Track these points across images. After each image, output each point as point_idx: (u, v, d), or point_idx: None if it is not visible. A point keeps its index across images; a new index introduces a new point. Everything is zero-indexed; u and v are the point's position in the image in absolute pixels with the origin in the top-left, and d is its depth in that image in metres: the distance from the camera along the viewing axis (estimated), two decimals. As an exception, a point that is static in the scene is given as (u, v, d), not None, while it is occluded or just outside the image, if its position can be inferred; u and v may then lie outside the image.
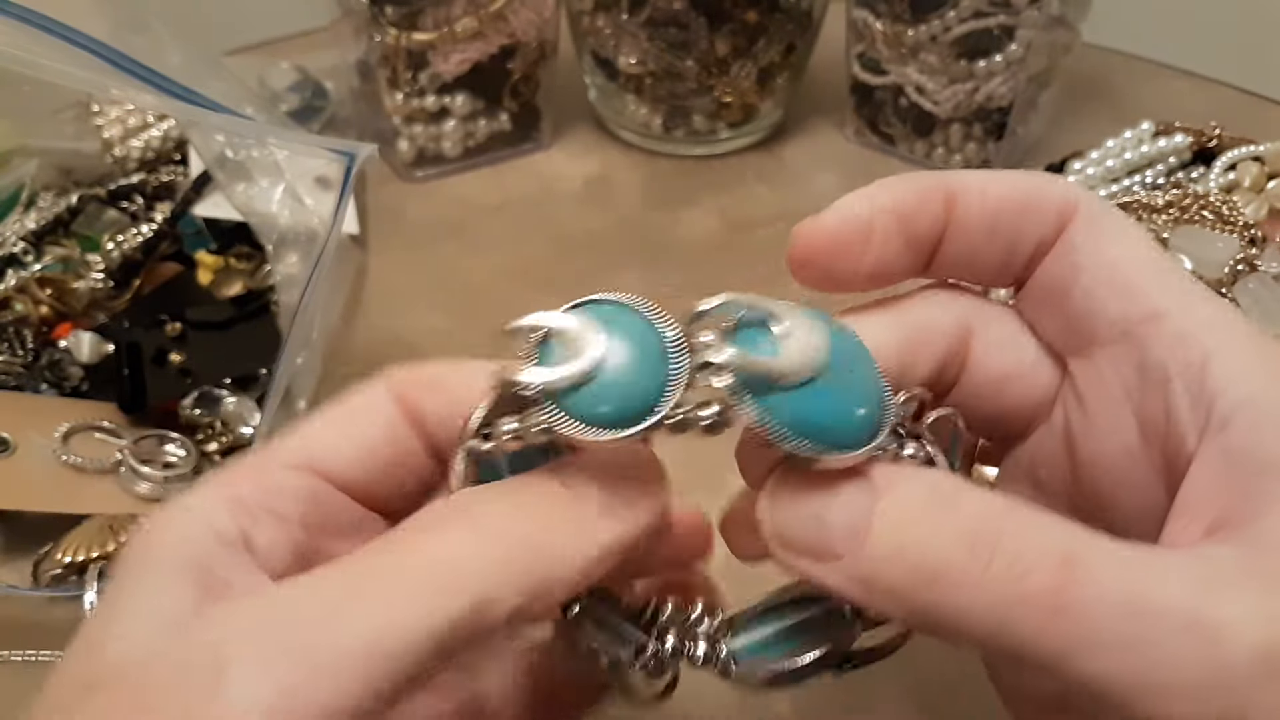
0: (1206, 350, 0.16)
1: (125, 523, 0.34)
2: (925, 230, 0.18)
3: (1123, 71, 0.58)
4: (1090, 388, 0.18)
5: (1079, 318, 0.18)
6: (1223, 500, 0.15)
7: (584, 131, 0.56)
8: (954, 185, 0.18)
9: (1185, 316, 0.17)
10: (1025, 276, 0.18)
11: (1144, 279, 0.17)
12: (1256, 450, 0.15)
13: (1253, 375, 0.16)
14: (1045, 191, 0.18)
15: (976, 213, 0.18)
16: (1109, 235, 0.18)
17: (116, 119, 0.47)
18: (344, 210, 0.33)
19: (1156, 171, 0.46)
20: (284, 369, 0.34)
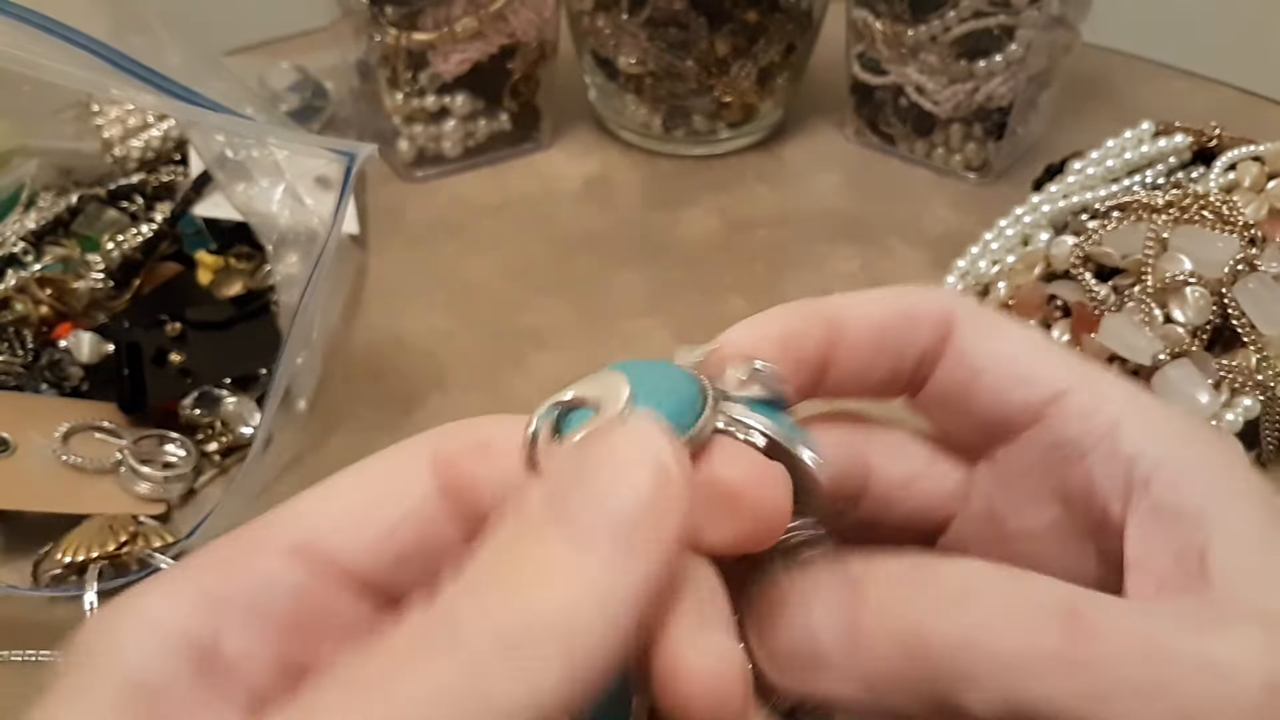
0: (1113, 419, 0.17)
1: (125, 523, 0.34)
2: (809, 355, 0.18)
3: (1123, 71, 0.58)
4: (1008, 472, 0.18)
5: (986, 414, 0.18)
6: (1167, 555, 0.16)
7: (584, 131, 0.56)
8: (835, 309, 0.19)
9: (1087, 391, 0.17)
10: (917, 385, 0.19)
11: (1039, 365, 0.18)
12: (1183, 503, 0.16)
13: (1160, 434, 0.17)
14: (923, 304, 0.19)
15: (860, 333, 0.18)
16: (994, 332, 0.18)
17: (116, 119, 0.47)
18: (344, 210, 0.33)
19: (1156, 171, 0.46)
20: (284, 369, 0.34)
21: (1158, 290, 0.37)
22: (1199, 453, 0.17)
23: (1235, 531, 0.16)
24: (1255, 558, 0.15)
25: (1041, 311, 0.40)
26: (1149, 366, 0.36)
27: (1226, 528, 0.16)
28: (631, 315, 0.45)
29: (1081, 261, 0.40)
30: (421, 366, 0.42)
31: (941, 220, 0.49)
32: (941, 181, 0.52)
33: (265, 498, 0.37)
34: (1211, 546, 0.15)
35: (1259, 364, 0.36)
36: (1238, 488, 0.16)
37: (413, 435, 0.44)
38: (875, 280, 0.46)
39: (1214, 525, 0.16)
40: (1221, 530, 0.16)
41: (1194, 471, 0.16)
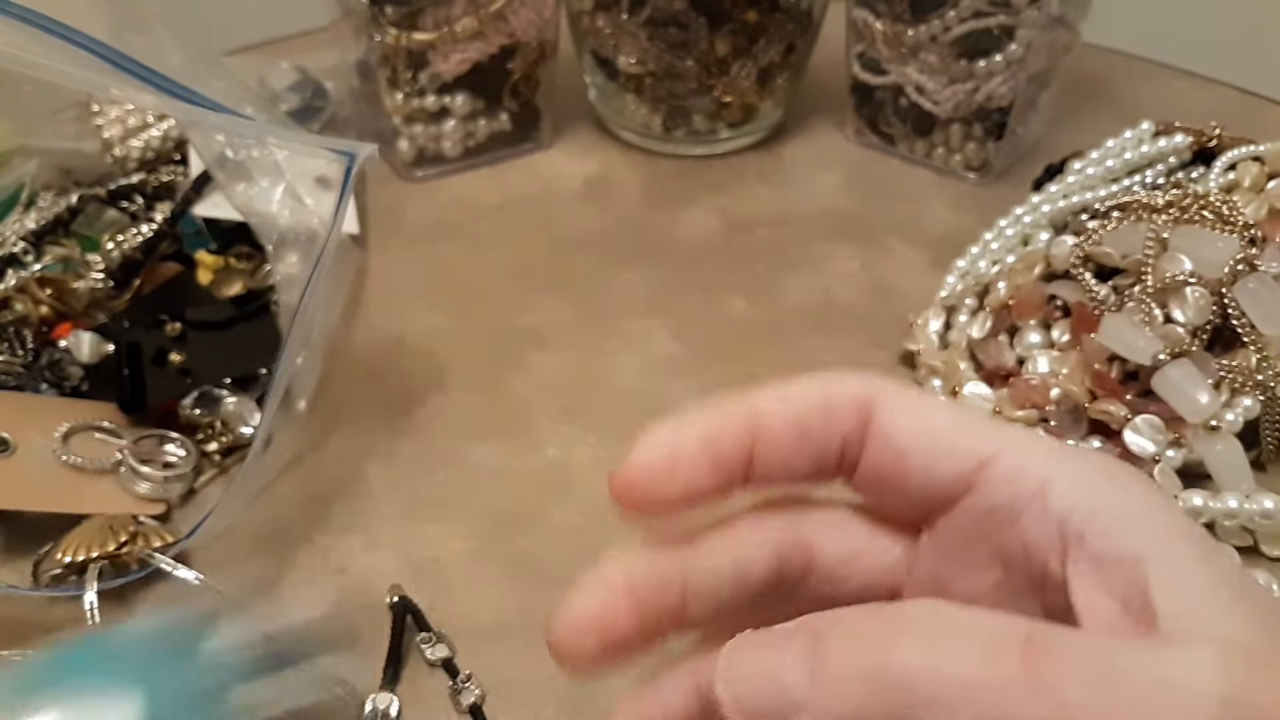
0: (1040, 478, 0.18)
1: (125, 523, 0.34)
2: (730, 453, 0.19)
3: (1123, 71, 0.58)
4: (948, 540, 0.19)
5: (919, 490, 0.19)
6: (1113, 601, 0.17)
7: (584, 131, 0.56)
8: (754, 406, 0.19)
9: (1011, 455, 0.18)
10: (848, 469, 0.20)
11: (961, 436, 0.18)
12: (1120, 549, 0.17)
13: (1087, 486, 0.17)
14: (839, 393, 0.19)
15: (778, 428, 0.19)
16: (914, 410, 0.19)
17: (116, 119, 0.47)
18: (344, 210, 0.33)
19: (1156, 171, 0.46)
20: (284, 369, 0.34)
21: (1158, 290, 0.37)
22: (1127, 499, 0.17)
23: (1173, 570, 0.16)
24: (1195, 592, 0.16)
25: (1041, 311, 0.40)
26: (1149, 366, 0.36)
27: (1164, 568, 0.16)
28: (631, 315, 0.45)
29: (1081, 261, 0.40)
30: (421, 366, 0.42)
31: (941, 220, 0.49)
32: (941, 181, 0.52)
33: (265, 497, 0.37)
34: (1152, 587, 0.16)
35: (1259, 364, 0.36)
36: (1169, 528, 0.17)
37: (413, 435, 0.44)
38: (876, 280, 0.46)
39: (1151, 567, 0.16)
40: (1159, 571, 0.16)
41: (1125, 518, 0.17)
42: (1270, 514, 0.33)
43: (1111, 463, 0.18)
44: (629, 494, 0.19)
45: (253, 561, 0.35)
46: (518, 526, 0.36)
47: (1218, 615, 0.16)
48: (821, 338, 0.43)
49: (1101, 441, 0.36)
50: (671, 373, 0.42)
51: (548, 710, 0.31)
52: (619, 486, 0.19)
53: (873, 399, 0.19)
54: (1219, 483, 0.35)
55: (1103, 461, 0.18)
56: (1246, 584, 0.17)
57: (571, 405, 0.41)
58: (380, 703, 0.31)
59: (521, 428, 0.40)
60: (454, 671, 0.32)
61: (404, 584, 0.34)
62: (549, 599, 0.34)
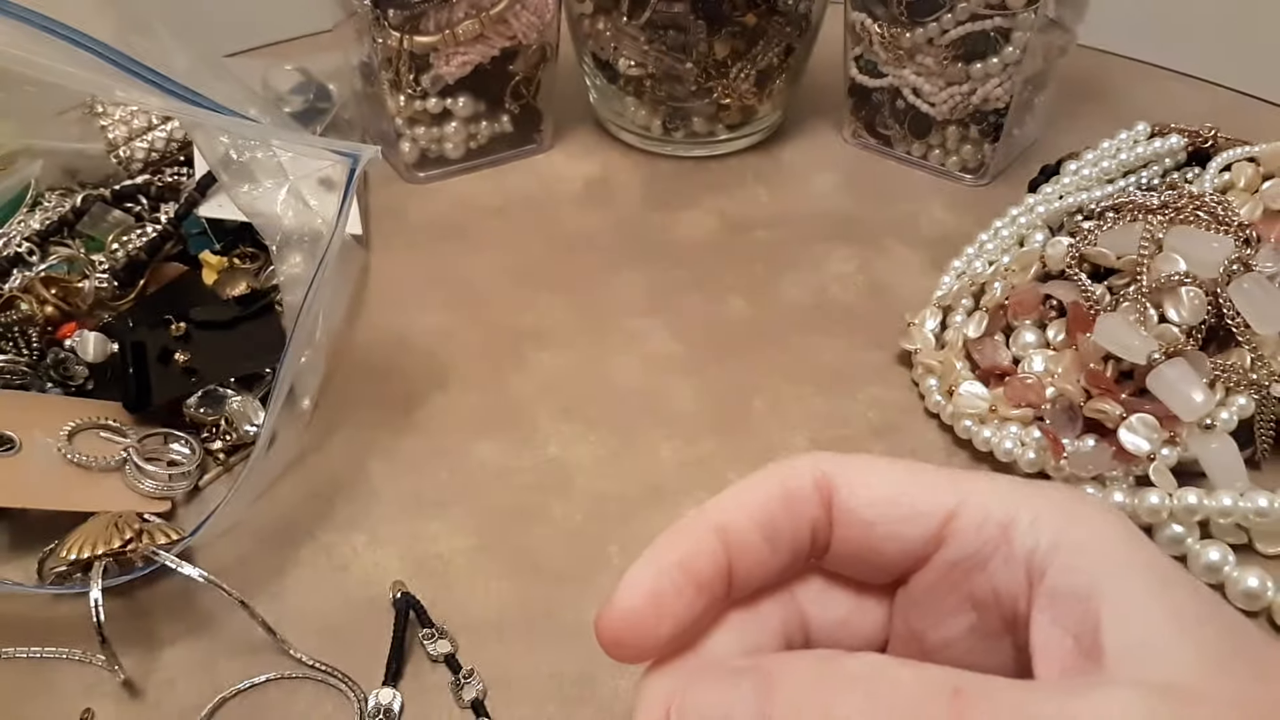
0: (1002, 522, 0.18)
1: (130, 520, 0.34)
2: (709, 572, 0.19)
3: (1118, 73, 0.59)
4: (920, 593, 0.20)
5: (892, 557, 0.19)
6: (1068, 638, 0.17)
7: (584, 133, 0.56)
8: (717, 518, 0.19)
9: (975, 503, 0.18)
10: (821, 551, 0.20)
11: (920, 497, 0.19)
12: (1076, 585, 0.17)
13: (1048, 523, 0.18)
14: (797, 479, 0.19)
15: (749, 532, 0.19)
16: (873, 480, 0.19)
17: (121, 120, 0.47)
18: (347, 211, 0.33)
19: (1152, 172, 0.46)
20: (288, 368, 0.34)
21: (1153, 290, 0.37)
22: (1086, 534, 0.18)
23: (1125, 604, 0.17)
24: (1144, 626, 0.16)
25: (1037, 311, 0.41)
26: (1144, 365, 0.36)
27: (1116, 602, 0.17)
28: (631, 315, 0.45)
29: (1077, 261, 0.40)
30: (423, 366, 0.43)
31: (938, 221, 0.50)
32: (938, 183, 0.52)
33: (269, 495, 0.37)
34: (1104, 622, 0.16)
35: (1253, 363, 0.36)
36: (1126, 561, 0.17)
37: (415, 433, 0.44)
38: (873, 280, 0.47)
39: (1104, 601, 0.17)
40: (1111, 605, 0.17)
41: (1084, 552, 0.17)
42: (1264, 512, 0.34)
43: (1074, 497, 0.18)
44: (620, 649, 0.19)
45: (256, 558, 0.35)
46: (519, 523, 0.37)
47: (1163, 649, 0.16)
48: (819, 337, 0.44)
49: (1096, 440, 0.36)
50: (671, 372, 0.42)
51: (549, 705, 0.31)
52: (609, 641, 0.19)
53: (829, 478, 0.19)
54: (1213, 481, 0.35)
55: (1064, 497, 0.18)
56: (1201, 613, 0.17)
57: (572, 404, 0.41)
58: (383, 698, 0.31)
59: (522, 426, 0.40)
60: (456, 667, 0.32)
61: (406, 580, 0.34)
62: (550, 595, 0.34)
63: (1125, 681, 0.16)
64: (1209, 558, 0.34)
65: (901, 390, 0.41)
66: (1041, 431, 0.37)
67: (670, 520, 0.38)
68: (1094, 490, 0.36)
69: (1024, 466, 0.37)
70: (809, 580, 0.21)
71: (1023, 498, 0.18)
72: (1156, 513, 0.34)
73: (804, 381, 0.42)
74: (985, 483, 0.19)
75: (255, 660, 0.32)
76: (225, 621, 0.33)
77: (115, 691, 0.32)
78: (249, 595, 0.32)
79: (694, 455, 0.39)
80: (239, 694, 0.32)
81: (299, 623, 0.33)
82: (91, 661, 0.32)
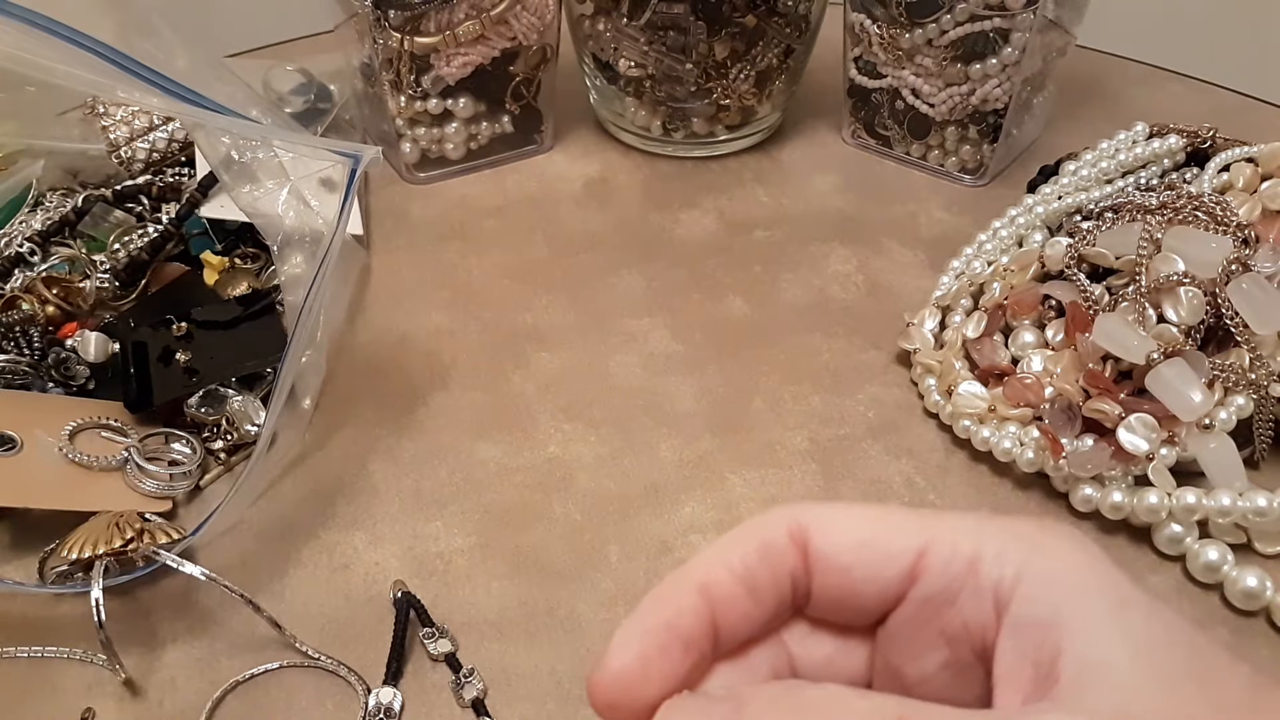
0: (969, 557, 0.19)
1: (131, 519, 0.34)
2: (695, 630, 0.20)
3: (1117, 74, 0.59)
4: (896, 630, 0.20)
5: (869, 598, 0.20)
6: (1028, 666, 0.18)
7: (584, 134, 0.56)
8: (699, 577, 0.20)
9: (943, 540, 0.19)
10: (801, 600, 0.21)
11: (892, 538, 0.20)
12: (1038, 614, 0.18)
13: (1013, 555, 0.18)
14: (772, 532, 0.20)
15: (730, 587, 0.20)
16: (846, 525, 0.20)
17: (122, 120, 0.47)
18: (349, 211, 0.33)
19: (1150, 173, 0.47)
20: (289, 368, 0.34)
21: (1151, 290, 0.37)
22: (1049, 560, 0.18)
23: (1083, 631, 0.17)
24: (1097, 653, 0.17)
25: (1035, 311, 0.41)
26: (1143, 365, 0.36)
27: (1075, 629, 0.17)
28: (631, 315, 0.45)
29: (1076, 262, 0.40)
30: (424, 365, 0.43)
31: (937, 221, 0.50)
32: (937, 183, 0.52)
33: (270, 494, 0.37)
34: (1062, 649, 0.17)
35: (1252, 363, 0.36)
36: (1088, 587, 0.18)
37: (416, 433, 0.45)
38: (872, 280, 0.47)
39: (1064, 628, 0.17)
40: (1070, 631, 0.17)
41: (1045, 581, 0.18)
42: (1263, 511, 0.34)
43: (1040, 529, 0.19)
44: (613, 711, 0.19)
45: (258, 558, 0.35)
46: (519, 523, 0.37)
47: (1116, 673, 0.17)
48: (818, 337, 0.44)
49: (1095, 440, 0.36)
50: (671, 371, 0.42)
51: (549, 704, 0.31)
52: (602, 704, 0.19)
53: (804, 528, 0.20)
54: (1212, 480, 0.35)
55: (1027, 527, 0.19)
56: (1158, 636, 0.17)
57: (572, 403, 0.41)
58: (384, 697, 0.31)
59: (523, 425, 0.40)
60: (456, 666, 0.32)
61: (407, 579, 0.34)
62: (550, 594, 0.34)
63: (1070, 708, 0.16)
64: (1208, 557, 0.34)
65: (900, 390, 0.42)
66: (1040, 431, 0.37)
67: (669, 520, 0.38)
68: (1093, 490, 0.36)
69: (1023, 466, 0.37)
70: (794, 625, 0.21)
71: (989, 533, 0.19)
72: (1155, 512, 0.35)
73: (803, 381, 0.42)
74: (953, 520, 0.20)
75: (257, 659, 0.32)
76: (226, 620, 0.33)
77: (116, 691, 0.32)
78: (250, 594, 0.32)
79: (694, 455, 0.39)
80: (242, 685, 0.32)
81: (300, 622, 0.33)
82: (93, 661, 0.32)
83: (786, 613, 0.21)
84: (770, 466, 0.38)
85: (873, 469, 0.38)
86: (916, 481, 0.38)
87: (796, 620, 0.21)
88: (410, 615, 0.33)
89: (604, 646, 0.34)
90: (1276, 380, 0.36)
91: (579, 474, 0.38)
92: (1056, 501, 0.37)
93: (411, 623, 0.33)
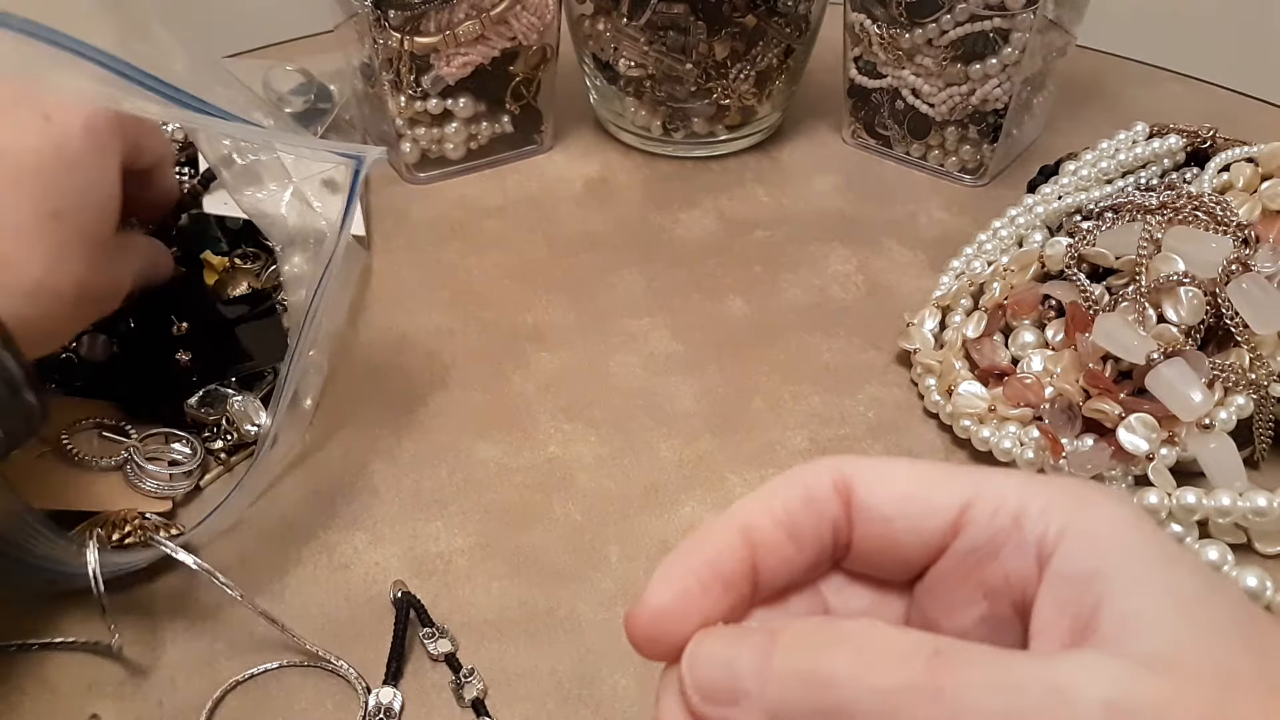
0: (1014, 512, 0.19)
1: (131, 517, 0.34)
2: (736, 570, 0.20)
3: (1117, 74, 0.59)
4: (936, 584, 0.20)
5: (911, 551, 0.20)
6: (1066, 619, 0.18)
7: (585, 134, 0.56)
8: (742, 519, 0.20)
9: (986, 497, 0.19)
10: (842, 550, 0.21)
11: (936, 492, 0.20)
12: (1079, 567, 0.18)
13: (1057, 510, 0.19)
14: (817, 479, 0.20)
15: (772, 531, 0.20)
16: (889, 477, 0.20)
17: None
18: (352, 212, 0.33)
19: (1150, 173, 0.47)
20: (291, 368, 0.34)
21: (1151, 290, 0.37)
22: (1094, 516, 0.18)
23: (1125, 584, 0.17)
24: (1137, 605, 0.17)
25: (1035, 311, 0.41)
26: (1143, 365, 0.36)
27: (1117, 582, 0.17)
28: (631, 315, 0.45)
29: (1076, 262, 0.40)
30: (424, 365, 0.43)
31: (937, 222, 0.50)
32: (937, 183, 0.52)
33: (270, 494, 0.37)
34: (1103, 601, 0.17)
35: (1252, 363, 0.36)
36: (1131, 542, 0.18)
37: (416, 433, 0.44)
38: (872, 280, 0.47)
39: (1106, 581, 0.17)
40: (1112, 584, 0.17)
41: (1090, 536, 0.18)
42: (1263, 511, 0.34)
43: (1082, 485, 0.19)
44: (650, 645, 0.20)
45: (258, 557, 0.35)
46: (519, 523, 0.37)
47: (1156, 624, 0.17)
48: (818, 337, 0.44)
49: (1095, 439, 0.36)
50: (671, 372, 0.42)
51: (550, 704, 0.31)
52: (640, 637, 0.20)
53: (848, 479, 0.20)
54: (1212, 480, 0.35)
55: (1074, 485, 0.19)
56: (1200, 590, 0.17)
57: (572, 403, 0.41)
58: (384, 697, 0.31)
59: (523, 425, 0.40)
60: (457, 666, 0.32)
61: (407, 579, 0.34)
62: (550, 594, 0.34)
63: (1110, 653, 0.16)
64: (1208, 557, 0.34)
65: (900, 390, 0.42)
66: (1040, 431, 0.37)
67: (669, 520, 0.38)
68: (1092, 489, 0.36)
69: (1022, 466, 0.37)
70: (832, 577, 0.21)
71: (1034, 488, 0.19)
72: (1155, 512, 0.35)
73: (803, 381, 0.42)
74: (999, 475, 0.20)
75: (257, 658, 0.32)
76: (226, 620, 0.33)
77: (116, 690, 0.32)
78: (251, 594, 0.32)
79: (694, 455, 0.39)
80: (242, 685, 0.32)
81: (300, 621, 0.33)
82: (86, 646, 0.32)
83: (826, 563, 0.21)
84: (770, 466, 0.38)
85: (873, 469, 0.38)
86: (916, 481, 0.38)
87: (835, 572, 0.21)
88: (410, 615, 0.33)
89: (604, 646, 0.34)
90: (1276, 380, 0.36)
91: (579, 474, 0.38)
92: (1056, 501, 0.37)
93: (411, 623, 0.33)
